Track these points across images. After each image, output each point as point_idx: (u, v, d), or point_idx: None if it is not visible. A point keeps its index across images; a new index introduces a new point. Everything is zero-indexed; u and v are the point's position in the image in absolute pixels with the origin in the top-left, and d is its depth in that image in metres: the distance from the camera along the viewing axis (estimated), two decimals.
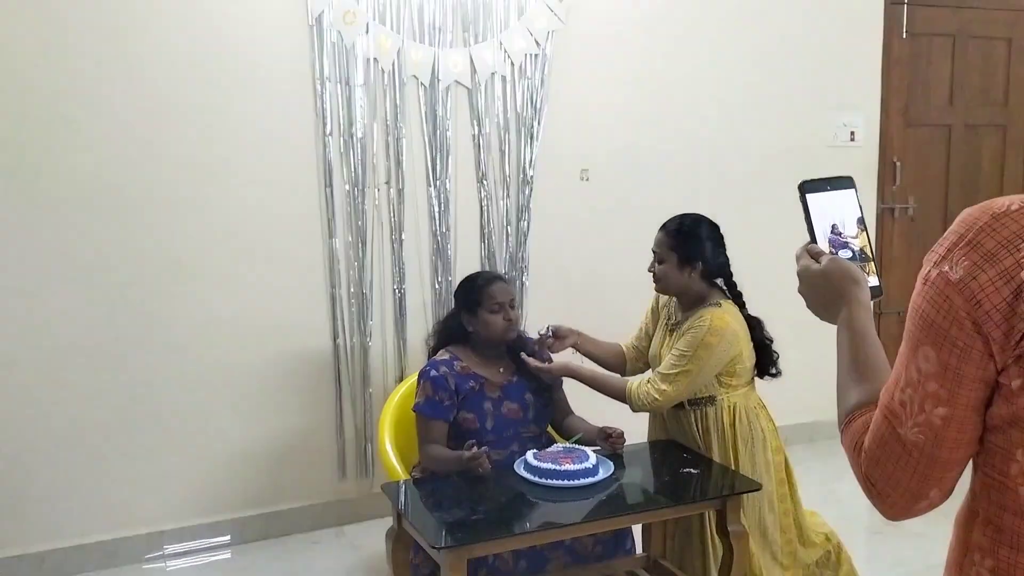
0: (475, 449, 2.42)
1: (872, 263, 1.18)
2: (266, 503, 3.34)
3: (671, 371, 2.49)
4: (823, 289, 1.10)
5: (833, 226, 1.20)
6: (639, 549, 2.77)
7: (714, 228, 2.70)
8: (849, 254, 1.17)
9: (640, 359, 2.83)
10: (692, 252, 2.60)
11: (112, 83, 2.98)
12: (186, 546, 3.22)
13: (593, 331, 3.77)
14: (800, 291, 1.15)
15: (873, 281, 1.14)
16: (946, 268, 0.85)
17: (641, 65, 3.75)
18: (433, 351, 2.79)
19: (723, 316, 2.53)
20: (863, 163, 4.28)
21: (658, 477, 2.59)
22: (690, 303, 2.62)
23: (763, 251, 4.06)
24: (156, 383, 3.15)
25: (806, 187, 1.20)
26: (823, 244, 1.17)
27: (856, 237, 1.20)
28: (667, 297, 2.72)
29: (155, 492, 3.19)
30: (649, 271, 2.67)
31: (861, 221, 1.21)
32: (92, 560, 3.09)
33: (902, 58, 4.31)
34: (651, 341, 2.78)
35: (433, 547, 2.07)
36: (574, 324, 3.66)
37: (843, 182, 1.22)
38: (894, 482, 0.91)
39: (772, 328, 4.23)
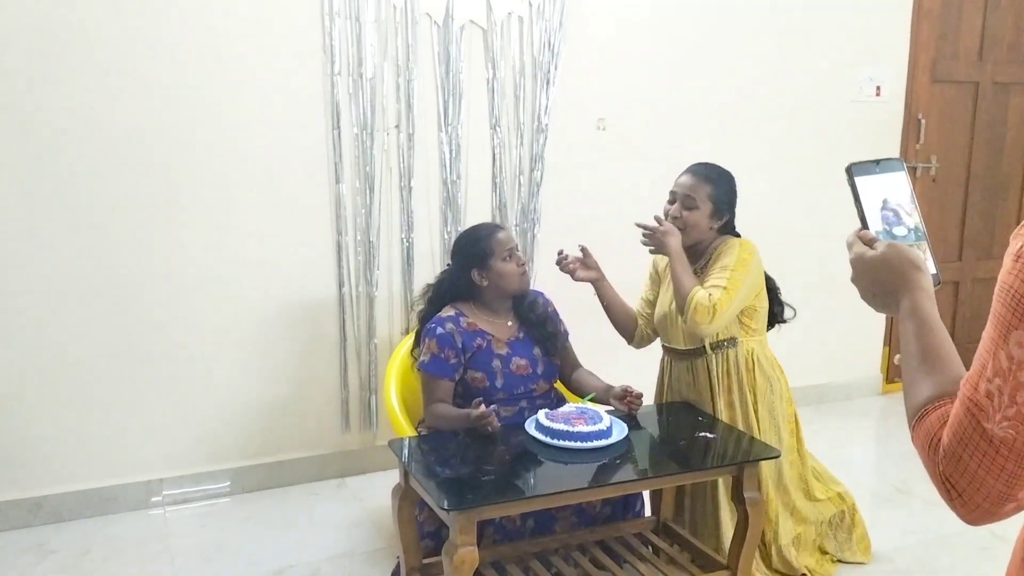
0: (483, 407, 2.35)
1: (928, 245, 1.09)
2: (268, 453, 3.28)
3: (720, 282, 2.39)
4: (882, 277, 1.01)
5: (885, 201, 1.11)
6: (647, 512, 2.72)
7: None
8: (904, 231, 1.09)
9: (648, 325, 2.74)
10: (730, 202, 2.54)
11: (112, 16, 2.83)
12: (186, 493, 3.17)
13: (612, 284, 3.70)
14: (853, 281, 1.06)
15: (932, 268, 1.05)
16: None
17: (663, 11, 3.59)
18: (428, 312, 2.66)
19: (747, 242, 2.53)
20: (887, 119, 4.14)
21: (673, 441, 2.52)
22: (696, 256, 2.55)
23: (784, 207, 3.95)
24: (157, 328, 3.06)
25: (854, 169, 1.11)
26: (875, 225, 1.09)
27: (910, 215, 1.11)
28: (664, 259, 2.58)
29: (155, 439, 3.13)
30: (673, 217, 2.52)
31: (913, 202, 1.13)
32: (90, 506, 3.05)
33: (932, 10, 4.13)
34: (655, 307, 2.70)
35: (442, 508, 2.00)
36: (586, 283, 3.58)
37: (892, 164, 1.14)
38: (978, 483, 0.83)
39: (783, 288, 4.15)
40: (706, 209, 2.50)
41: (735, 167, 3.83)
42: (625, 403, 2.51)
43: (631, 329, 2.75)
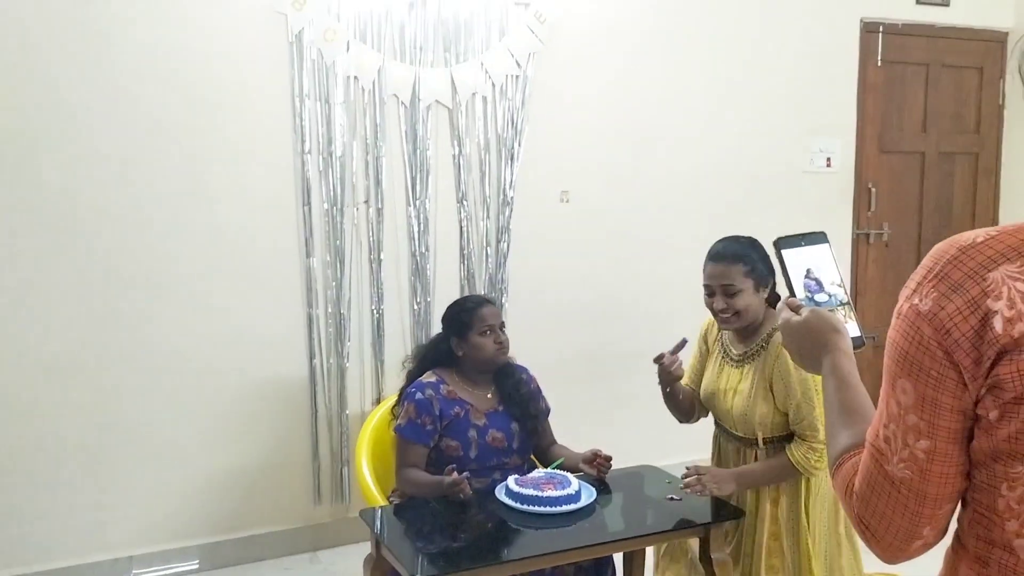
0: (455, 474, 2.38)
1: (852, 311, 1.19)
2: (238, 528, 3.26)
3: (813, 428, 2.22)
4: (806, 340, 1.12)
5: (808, 271, 1.23)
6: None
7: None
8: (826, 298, 1.20)
9: (699, 397, 2.56)
10: (767, 266, 2.35)
11: (90, 98, 2.92)
12: (156, 571, 3.13)
13: (574, 354, 3.78)
14: (783, 344, 1.17)
15: (854, 331, 1.16)
16: (916, 301, 0.88)
17: (621, 89, 3.76)
18: (413, 374, 2.74)
19: None
20: (839, 188, 4.32)
21: (641, 504, 2.56)
22: (750, 333, 2.38)
23: None
24: (128, 402, 3.07)
25: (781, 243, 1.23)
26: (800, 292, 1.20)
27: (832, 283, 1.22)
28: (714, 326, 2.45)
29: (124, 515, 3.10)
30: (720, 310, 2.33)
31: (837, 271, 1.24)
32: None
33: (877, 85, 4.36)
34: (702, 377, 2.54)
35: None
36: (552, 347, 3.66)
37: (817, 237, 1.25)
38: (887, 522, 0.91)
39: None
40: (749, 287, 2.32)
41: (694, 237, 3.98)
42: (593, 466, 2.55)
43: (691, 410, 2.60)
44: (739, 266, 2.33)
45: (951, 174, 4.63)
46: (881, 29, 4.31)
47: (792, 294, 1.19)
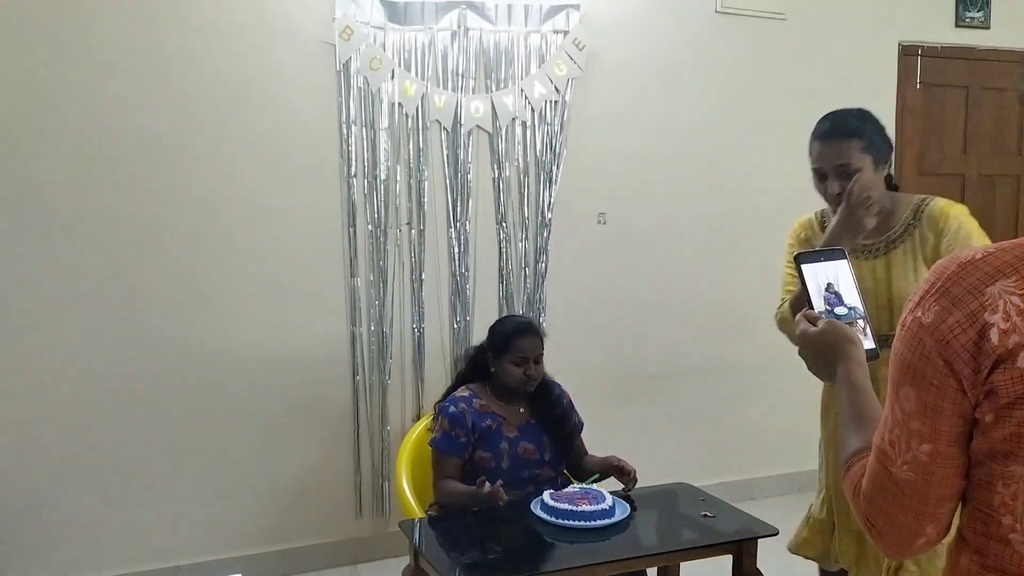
0: (487, 486, 2.45)
1: (868, 325, 1.25)
2: (281, 540, 3.36)
3: None
4: (820, 350, 1.19)
5: (828, 285, 1.29)
6: None
7: None
8: (845, 311, 1.27)
9: None
10: (884, 139, 2.09)
11: (143, 117, 3.07)
12: None
13: (610, 372, 3.83)
14: (800, 354, 1.24)
15: (868, 344, 1.22)
16: (919, 314, 0.93)
17: (658, 112, 3.83)
18: (455, 384, 2.82)
19: (959, 205, 2.08)
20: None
21: (674, 520, 2.60)
22: (882, 230, 2.08)
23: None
24: (175, 416, 3.19)
25: (801, 258, 1.30)
26: (819, 304, 1.26)
27: (851, 298, 1.29)
28: (818, 223, 2.18)
29: (171, 526, 3.22)
30: (836, 195, 2.03)
31: (855, 286, 1.30)
32: None
33: (916, 108, 4.37)
34: None
35: None
36: (589, 366, 3.72)
37: (836, 253, 1.33)
38: (891, 520, 0.97)
39: (793, 371, 4.23)
40: (868, 164, 2.01)
41: (732, 257, 4.02)
42: (617, 472, 2.60)
43: None
44: (854, 141, 2.03)
45: (992, 196, 4.60)
46: (920, 52, 4.33)
47: (810, 306, 1.25)
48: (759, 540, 2.37)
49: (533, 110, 3.56)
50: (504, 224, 3.58)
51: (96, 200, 3.04)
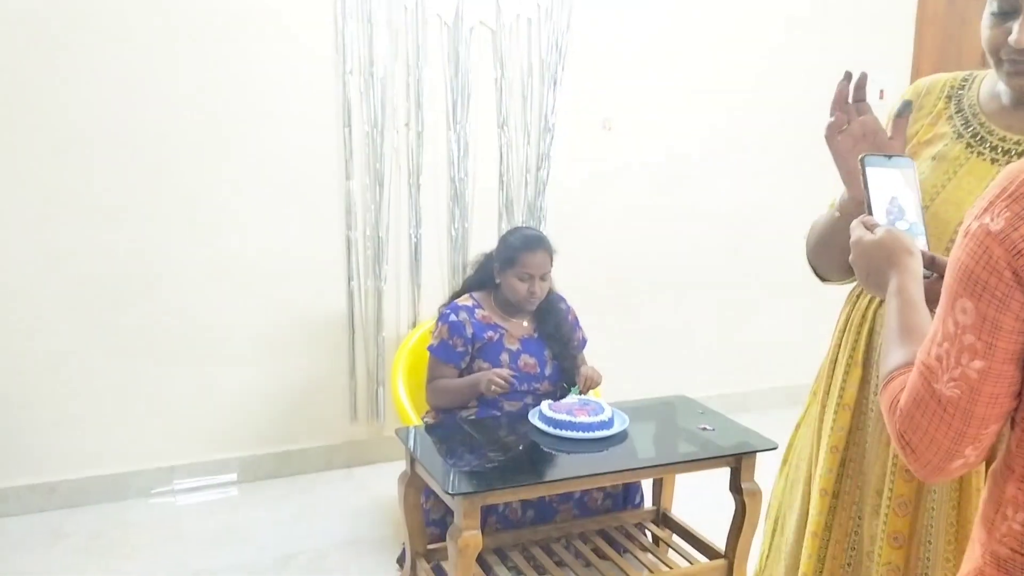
0: (501, 371, 2.45)
1: (927, 242, 1.17)
2: (277, 442, 3.35)
3: None
4: (875, 259, 1.10)
5: (892, 197, 1.18)
6: (648, 503, 2.78)
7: None
8: (906, 226, 1.17)
9: None
10: None
11: (125, 18, 2.90)
12: (196, 481, 3.25)
13: (612, 284, 3.77)
14: (851, 260, 1.15)
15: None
16: (987, 220, 0.85)
17: (669, 16, 3.65)
18: (462, 290, 2.78)
19: None
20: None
21: (673, 432, 2.58)
22: None
23: (787, 207, 4.01)
24: (170, 320, 3.13)
25: (867, 160, 1.19)
26: (880, 215, 1.16)
27: (914, 212, 1.19)
28: (946, 86, 1.36)
29: (167, 427, 3.20)
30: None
31: (919, 199, 1.20)
32: (103, 491, 3.12)
33: (936, 15, 4.19)
34: None
35: (447, 493, 2.07)
36: (589, 278, 3.66)
37: (903, 160, 1.21)
38: (928, 439, 0.90)
39: (792, 285, 4.21)
40: None
41: (738, 169, 3.92)
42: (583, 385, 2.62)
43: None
44: None
45: None
46: None
47: (869, 212, 1.16)
48: (757, 454, 2.36)
49: (539, 6, 3.39)
50: (506, 128, 3.45)
51: (83, 104, 2.90)
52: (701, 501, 2.82)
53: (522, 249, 2.64)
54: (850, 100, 1.29)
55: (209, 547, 2.85)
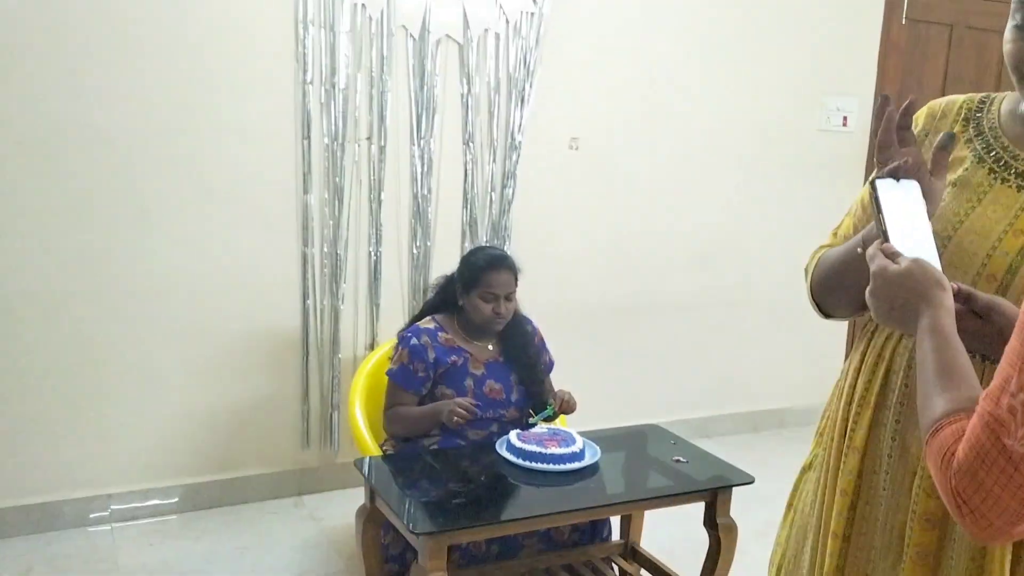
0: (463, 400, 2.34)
1: (940, 262, 1.07)
2: (222, 469, 3.17)
3: None
4: (904, 292, 1.00)
5: (907, 224, 1.08)
6: (616, 536, 2.67)
7: None
8: (926, 253, 1.05)
9: None
10: None
11: (80, 18, 2.73)
12: (134, 510, 3.04)
13: (577, 306, 3.68)
14: (871, 292, 1.04)
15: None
16: None
17: (637, 37, 3.59)
18: (422, 313, 2.65)
19: None
20: (853, 150, 4.20)
21: (645, 464, 2.48)
22: None
23: (751, 230, 3.98)
24: (110, 337, 2.94)
25: (879, 184, 1.08)
26: (898, 242, 1.06)
27: (924, 236, 1.08)
28: (962, 108, 1.26)
29: (102, 452, 2.99)
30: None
31: (927, 223, 1.09)
32: (31, 522, 2.90)
33: (899, 44, 4.22)
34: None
35: (411, 531, 1.93)
36: (556, 300, 3.56)
37: (908, 183, 1.10)
38: (992, 500, 0.80)
39: (756, 311, 4.17)
40: None
41: (704, 191, 3.87)
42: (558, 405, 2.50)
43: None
44: None
45: None
46: None
47: (886, 239, 1.06)
48: (733, 488, 2.27)
49: (508, 21, 3.30)
50: (471, 144, 3.34)
51: (29, 105, 2.70)
52: (671, 534, 2.74)
53: (486, 268, 2.53)
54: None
55: None
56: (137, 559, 2.79)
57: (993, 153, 1.19)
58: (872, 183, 1.09)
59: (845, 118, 4.17)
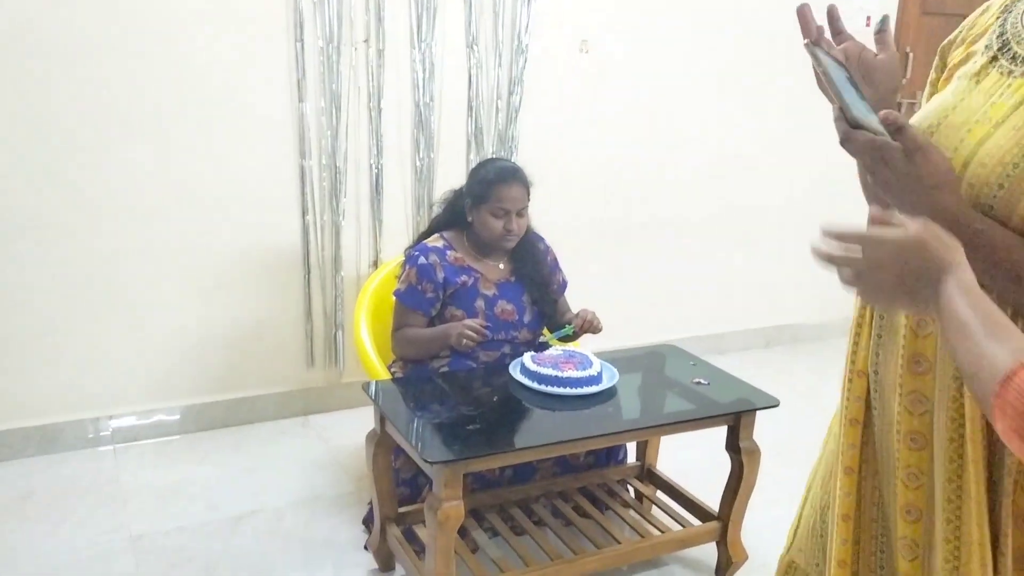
0: (473, 321, 2.25)
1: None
2: (226, 389, 3.09)
3: None
4: (916, 263, 0.85)
5: (853, 92, 0.98)
6: (631, 458, 2.62)
7: None
8: (872, 114, 0.96)
9: None
10: None
11: None
12: (136, 431, 2.98)
13: (588, 221, 3.54)
14: (867, 272, 0.88)
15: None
16: None
17: None
18: (430, 230, 2.51)
19: None
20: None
21: (665, 387, 2.39)
22: None
23: (767, 139, 3.81)
24: (106, 256, 2.81)
25: (813, 48, 1.01)
26: (863, 112, 0.94)
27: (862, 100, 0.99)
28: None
29: (103, 373, 2.91)
30: None
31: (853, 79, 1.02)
32: (32, 444, 2.83)
33: (919, 38, 3.97)
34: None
35: (425, 460, 1.85)
36: (566, 213, 3.42)
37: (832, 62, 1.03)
38: None
39: (770, 225, 4.03)
40: None
41: (718, 98, 3.68)
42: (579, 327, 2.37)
43: None
44: None
45: None
46: None
47: (846, 112, 0.93)
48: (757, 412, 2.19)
49: None
50: (475, 48, 3.14)
51: (16, 11, 2.50)
52: (688, 456, 2.68)
53: (496, 182, 2.38)
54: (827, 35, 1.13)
55: (155, 505, 2.60)
56: (141, 481, 2.73)
57: (1003, 38, 1.06)
58: (808, 47, 1.01)
59: (868, 18, 3.94)
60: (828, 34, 1.13)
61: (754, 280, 4.02)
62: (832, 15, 1.16)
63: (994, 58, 1.05)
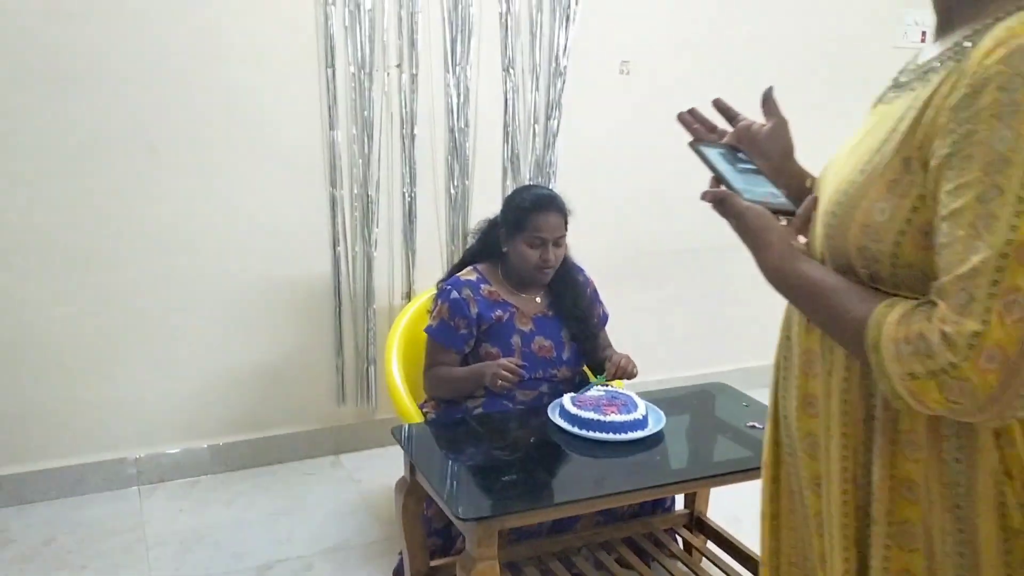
0: (510, 361, 2.12)
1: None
2: (255, 428, 2.98)
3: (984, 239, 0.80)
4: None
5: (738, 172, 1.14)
6: (679, 505, 2.44)
7: None
8: (766, 183, 1.14)
9: None
10: None
11: None
12: (162, 472, 2.88)
13: (629, 249, 3.38)
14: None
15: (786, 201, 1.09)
16: None
17: None
18: (463, 262, 2.38)
19: None
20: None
21: (716, 432, 2.22)
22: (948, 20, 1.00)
23: (819, 158, 3.63)
24: (135, 291, 2.73)
25: (698, 145, 1.19)
26: (739, 185, 1.09)
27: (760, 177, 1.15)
28: None
29: (130, 414, 2.82)
30: None
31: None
32: (56, 486, 2.75)
33: None
34: None
35: (457, 517, 1.70)
36: (606, 241, 3.27)
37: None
38: None
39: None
40: None
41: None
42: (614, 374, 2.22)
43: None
44: None
45: None
46: None
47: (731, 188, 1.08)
48: None
49: None
50: (511, 71, 3.02)
51: (50, 43, 2.44)
52: (739, 501, 2.48)
53: (532, 210, 2.24)
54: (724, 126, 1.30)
55: (178, 552, 2.49)
56: (166, 527, 2.62)
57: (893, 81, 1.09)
58: (692, 145, 1.17)
59: (924, 33, 3.76)
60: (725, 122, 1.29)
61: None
62: (719, 106, 1.36)
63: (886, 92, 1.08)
